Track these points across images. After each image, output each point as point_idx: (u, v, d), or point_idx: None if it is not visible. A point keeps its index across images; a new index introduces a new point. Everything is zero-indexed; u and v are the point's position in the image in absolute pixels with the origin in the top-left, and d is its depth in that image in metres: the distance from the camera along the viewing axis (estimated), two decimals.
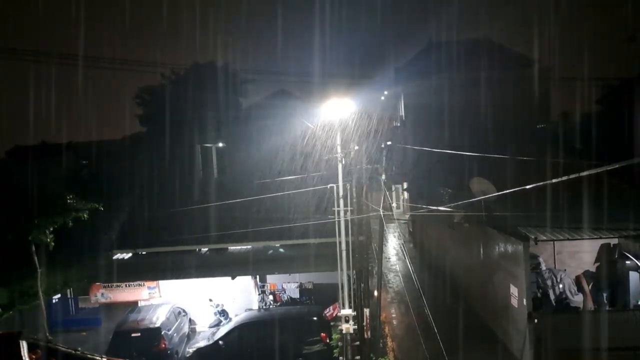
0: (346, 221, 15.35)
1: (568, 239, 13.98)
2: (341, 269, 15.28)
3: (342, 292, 15.32)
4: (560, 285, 15.16)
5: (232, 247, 20.77)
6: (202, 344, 17.05)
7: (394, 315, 19.88)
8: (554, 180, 7.20)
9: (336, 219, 15.57)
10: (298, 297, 21.01)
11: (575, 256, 17.09)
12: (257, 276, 20.58)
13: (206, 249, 20.88)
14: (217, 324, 19.32)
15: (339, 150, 15.06)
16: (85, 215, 17.63)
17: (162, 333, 16.65)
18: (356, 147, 16.78)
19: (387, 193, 19.31)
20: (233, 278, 19.06)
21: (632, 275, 14.93)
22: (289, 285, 21.05)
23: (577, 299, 15.06)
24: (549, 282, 15.24)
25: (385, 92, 37.99)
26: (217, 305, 19.94)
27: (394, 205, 39.66)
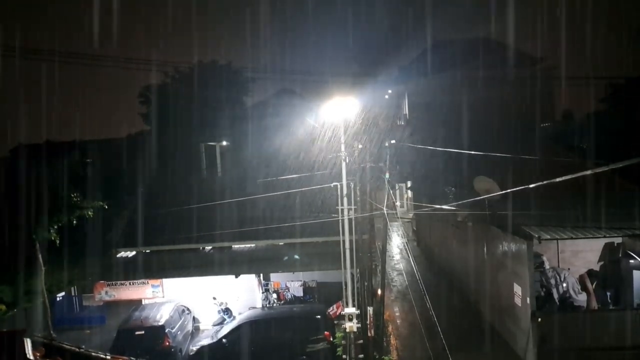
0: (350, 220, 15.35)
1: (572, 238, 13.94)
2: (345, 268, 15.29)
3: (346, 290, 15.33)
4: (564, 284, 15.12)
5: (236, 246, 20.79)
6: (205, 342, 17.05)
7: (397, 314, 19.88)
8: (557, 179, 7.18)
9: (340, 218, 15.57)
10: (302, 295, 21.01)
11: (579, 255, 17.05)
12: (261, 275, 20.59)
13: (210, 248, 20.91)
14: (221, 322, 19.33)
15: (343, 148, 15.05)
16: (89, 214, 17.69)
17: (166, 331, 16.67)
18: (360, 146, 16.78)
19: (391, 192, 19.28)
20: (237, 276, 19.06)
21: (636, 274, 14.88)
22: (292, 283, 21.05)
23: (581, 298, 15.03)
24: (552, 281, 15.20)
25: (389, 91, 37.99)
26: (221, 304, 19.95)
27: (398, 204, 39.66)
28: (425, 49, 34.67)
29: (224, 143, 34.60)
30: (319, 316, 16.95)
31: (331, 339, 16.26)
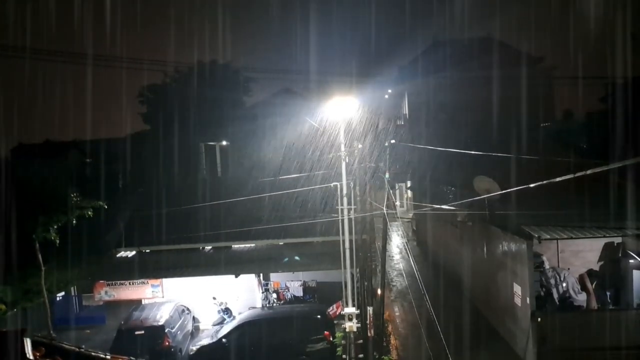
0: (350, 219, 15.35)
1: (572, 238, 13.94)
2: (345, 268, 15.29)
3: (346, 290, 15.33)
4: (564, 284, 15.14)
5: (236, 246, 20.79)
6: (205, 341, 17.04)
7: (397, 314, 19.88)
8: (557, 179, 7.19)
9: (340, 218, 15.57)
10: (301, 295, 20.99)
11: (579, 255, 17.05)
12: (261, 274, 20.59)
13: (210, 247, 20.91)
14: (221, 322, 19.33)
15: (342, 148, 15.05)
16: (89, 213, 17.71)
17: (166, 331, 16.66)
18: (360, 146, 16.78)
19: (391, 191, 19.29)
20: (237, 276, 19.06)
21: (636, 274, 14.90)
22: (292, 283, 21.05)
23: (581, 298, 15.04)
24: (552, 281, 15.21)
25: (389, 91, 38.04)
26: (221, 304, 19.95)
27: (398, 203, 39.70)
28: (425, 48, 34.71)
29: (224, 143, 34.61)
30: (319, 316, 16.95)
31: (331, 339, 16.26)
